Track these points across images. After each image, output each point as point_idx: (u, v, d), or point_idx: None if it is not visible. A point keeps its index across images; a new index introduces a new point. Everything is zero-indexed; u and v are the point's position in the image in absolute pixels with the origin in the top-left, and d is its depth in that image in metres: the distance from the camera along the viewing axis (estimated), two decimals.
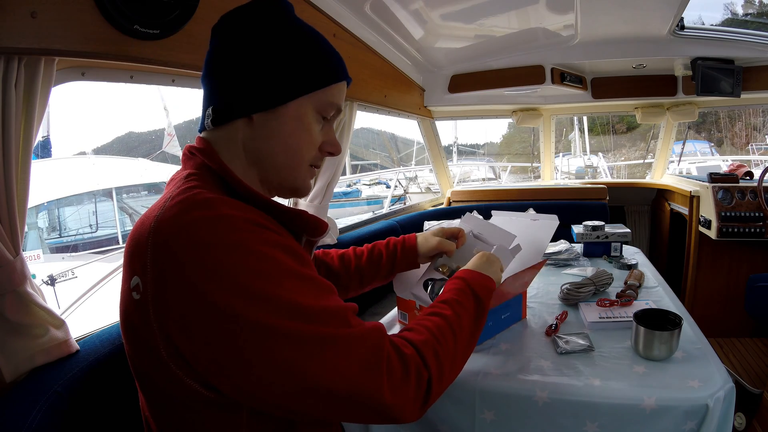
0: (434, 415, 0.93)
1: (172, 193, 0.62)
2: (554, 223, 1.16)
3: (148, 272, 0.56)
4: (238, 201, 0.62)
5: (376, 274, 1.07)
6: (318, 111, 0.71)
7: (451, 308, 0.76)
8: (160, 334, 0.56)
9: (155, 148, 10.09)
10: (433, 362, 0.66)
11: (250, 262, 0.55)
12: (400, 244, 1.08)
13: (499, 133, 24.35)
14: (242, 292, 0.53)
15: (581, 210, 2.71)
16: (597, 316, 1.12)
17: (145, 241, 0.57)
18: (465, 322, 0.77)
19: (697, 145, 12.68)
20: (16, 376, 0.78)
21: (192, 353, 0.55)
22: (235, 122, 0.68)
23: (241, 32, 0.68)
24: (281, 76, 0.67)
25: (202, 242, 0.54)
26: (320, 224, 0.73)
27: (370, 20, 1.81)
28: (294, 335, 0.54)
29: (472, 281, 0.83)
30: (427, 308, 0.78)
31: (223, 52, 0.68)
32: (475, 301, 0.81)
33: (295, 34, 0.69)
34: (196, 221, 0.56)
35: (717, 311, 2.72)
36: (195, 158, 0.68)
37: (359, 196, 11.16)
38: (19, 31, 0.73)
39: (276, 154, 0.70)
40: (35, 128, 0.80)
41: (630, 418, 0.82)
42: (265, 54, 0.67)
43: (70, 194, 6.32)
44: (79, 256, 5.61)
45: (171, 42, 0.99)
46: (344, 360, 0.57)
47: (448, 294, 0.80)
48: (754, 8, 10.29)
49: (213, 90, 0.69)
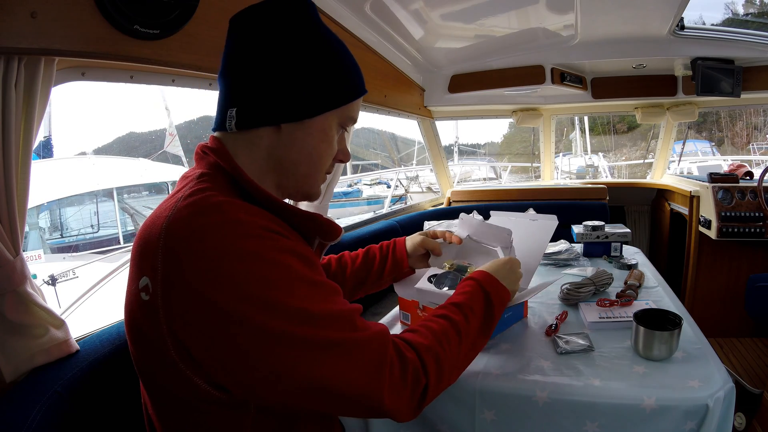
0: (434, 414, 0.93)
1: (184, 193, 0.61)
2: (553, 224, 1.16)
3: (158, 274, 0.56)
4: (249, 204, 0.62)
5: (369, 275, 1.08)
6: (340, 124, 0.73)
7: (461, 313, 0.77)
8: (170, 336, 0.56)
9: (156, 148, 10.09)
10: (433, 369, 0.67)
11: (260, 270, 0.56)
12: (392, 244, 1.12)
13: (500, 133, 24.35)
14: (252, 300, 0.54)
15: (581, 210, 2.71)
16: (597, 316, 1.12)
17: (155, 242, 0.57)
18: (473, 329, 0.77)
19: (698, 144, 12.66)
20: (16, 376, 0.78)
21: (202, 356, 0.56)
22: (260, 128, 0.67)
23: (269, 31, 0.66)
24: (315, 89, 0.67)
25: (213, 248, 0.55)
26: (334, 228, 0.74)
27: (370, 20, 1.81)
28: (302, 340, 0.56)
29: (492, 290, 0.84)
30: (438, 309, 0.79)
31: (247, 51, 0.66)
32: (486, 311, 0.81)
33: (326, 44, 0.69)
34: (208, 226, 0.56)
35: (717, 311, 2.72)
36: (208, 158, 0.68)
37: (360, 196, 11.16)
38: (19, 31, 0.73)
39: (299, 164, 0.70)
40: (35, 128, 0.80)
41: (630, 418, 0.82)
42: (297, 62, 0.66)
43: (70, 194, 6.33)
44: (79, 256, 5.61)
45: (171, 42, 0.99)
46: (349, 364, 0.58)
47: (462, 297, 0.81)
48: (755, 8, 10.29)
49: (236, 91, 0.67)
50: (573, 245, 1.76)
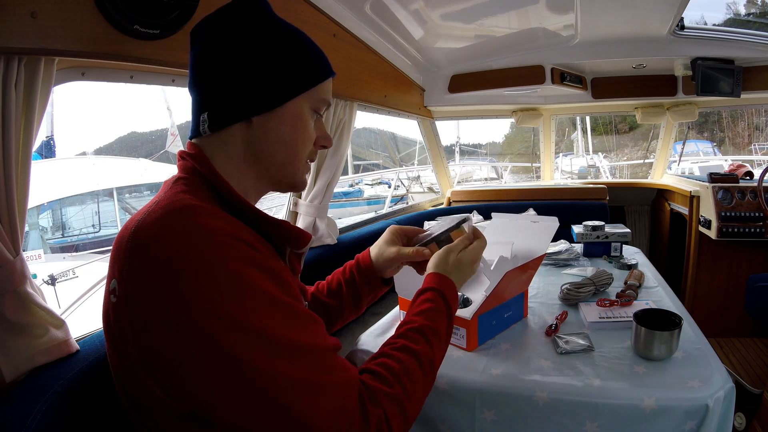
0: (434, 414, 0.93)
1: (159, 198, 0.62)
2: (554, 225, 1.16)
3: (124, 277, 0.55)
4: (221, 210, 0.61)
5: (343, 306, 0.99)
6: (313, 108, 0.73)
7: (425, 340, 0.72)
8: (133, 342, 0.55)
9: (158, 147, 10.10)
10: (398, 421, 0.63)
11: (222, 280, 0.54)
12: (355, 266, 1.00)
13: (501, 133, 24.37)
14: (208, 310, 0.52)
15: (581, 210, 2.71)
16: (597, 316, 1.12)
17: (125, 245, 0.56)
18: (437, 353, 0.74)
19: (700, 145, 12.66)
20: (16, 376, 0.78)
21: (157, 361, 0.54)
22: (232, 126, 0.68)
23: (227, 35, 0.67)
24: (278, 77, 0.68)
25: (176, 252, 0.53)
26: (302, 236, 0.73)
27: (370, 20, 1.81)
28: (255, 367, 0.53)
29: (450, 294, 0.80)
30: (397, 338, 0.72)
31: (210, 57, 0.68)
32: (449, 322, 0.78)
33: (283, 33, 0.70)
34: (173, 230, 0.55)
35: (717, 311, 2.71)
36: (186, 162, 0.69)
37: (361, 195, 11.16)
38: (19, 31, 0.73)
39: (276, 153, 0.71)
40: (35, 128, 0.80)
41: (630, 418, 0.82)
42: (257, 56, 0.67)
43: (71, 194, 6.35)
44: (80, 255, 5.62)
45: (171, 42, 0.99)
46: (309, 409, 0.54)
47: (423, 319, 0.75)
48: (757, 8, 10.28)
49: (205, 96, 0.69)
50: (573, 245, 1.76)
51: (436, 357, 0.74)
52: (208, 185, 0.67)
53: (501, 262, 0.99)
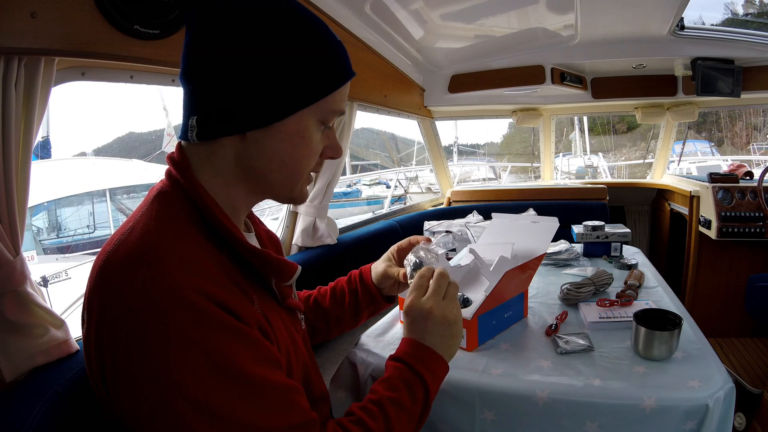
0: (434, 414, 0.92)
1: (135, 221, 0.57)
2: (554, 225, 1.16)
3: (93, 306, 0.54)
4: (195, 248, 0.56)
5: (343, 315, 0.97)
6: (320, 120, 0.63)
7: (383, 415, 0.64)
8: (97, 368, 0.54)
9: (155, 148, 10.10)
10: None
11: (179, 347, 0.49)
12: (358, 276, 0.98)
13: (500, 133, 24.35)
14: (161, 378, 0.49)
15: (581, 210, 2.71)
16: (597, 316, 1.12)
17: (94, 272, 0.55)
18: (397, 425, 0.65)
19: (698, 144, 12.68)
20: (16, 376, 0.78)
21: (115, 395, 0.53)
22: (222, 138, 0.60)
23: (228, 22, 0.57)
24: (281, 87, 0.58)
25: (135, 312, 0.50)
26: (286, 268, 0.66)
27: (370, 20, 1.81)
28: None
29: (427, 372, 0.69)
30: (363, 411, 0.65)
31: (205, 48, 0.58)
32: (424, 406, 0.69)
33: (296, 27, 0.58)
34: (135, 286, 0.51)
35: (717, 311, 2.72)
36: (170, 170, 0.62)
37: (359, 196, 11.16)
38: (19, 31, 0.73)
39: (271, 171, 0.62)
40: (35, 128, 0.80)
41: (630, 418, 0.81)
42: (260, 54, 0.57)
43: (65, 195, 6.35)
44: (73, 256, 5.62)
45: (171, 42, 0.99)
46: None
47: (392, 408, 0.65)
48: (755, 8, 10.28)
49: (196, 93, 0.59)
50: (573, 245, 1.76)
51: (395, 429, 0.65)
52: (189, 202, 0.60)
53: (501, 262, 0.99)
